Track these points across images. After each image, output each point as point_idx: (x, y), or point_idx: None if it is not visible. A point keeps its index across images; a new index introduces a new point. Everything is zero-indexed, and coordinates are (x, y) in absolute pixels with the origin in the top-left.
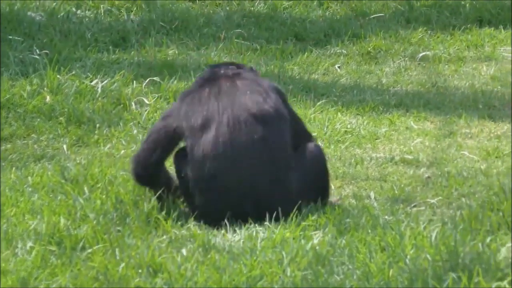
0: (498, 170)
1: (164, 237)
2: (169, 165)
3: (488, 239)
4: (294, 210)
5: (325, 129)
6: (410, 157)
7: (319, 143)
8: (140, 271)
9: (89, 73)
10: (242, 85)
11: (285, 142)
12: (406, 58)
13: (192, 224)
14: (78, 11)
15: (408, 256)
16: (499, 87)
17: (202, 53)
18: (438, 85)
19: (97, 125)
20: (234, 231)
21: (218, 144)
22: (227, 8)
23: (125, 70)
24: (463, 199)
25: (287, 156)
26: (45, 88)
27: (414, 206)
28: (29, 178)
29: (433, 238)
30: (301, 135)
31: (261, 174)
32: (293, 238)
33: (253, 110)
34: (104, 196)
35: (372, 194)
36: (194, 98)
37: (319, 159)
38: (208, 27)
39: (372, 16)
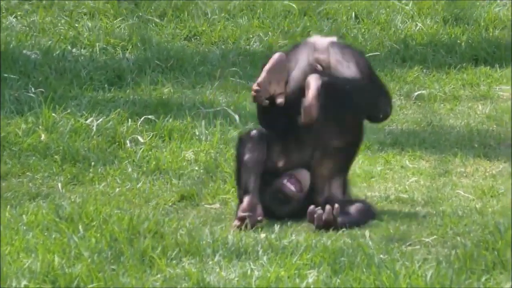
0: (493, 209)
1: (159, 275)
2: None
3: (483, 279)
4: None
5: None
6: (405, 196)
7: None
8: None
9: (84, 111)
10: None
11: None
12: (402, 97)
13: (187, 262)
14: (74, 50)
15: None
16: (494, 126)
17: (197, 92)
18: (434, 124)
19: (92, 163)
20: (229, 268)
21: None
22: (223, 47)
23: (120, 108)
24: (458, 238)
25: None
26: (40, 126)
27: (409, 245)
28: (24, 216)
29: (428, 277)
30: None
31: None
32: (288, 277)
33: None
34: (98, 235)
35: (367, 233)
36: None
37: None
38: (203, 66)
39: (368, 55)
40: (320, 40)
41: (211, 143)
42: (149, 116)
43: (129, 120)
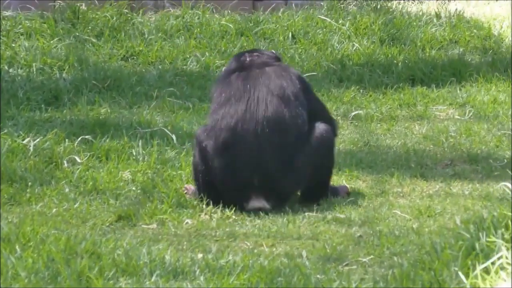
0: (430, 229)
1: None
2: None
3: None
4: None
5: None
6: (342, 216)
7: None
8: None
9: (21, 131)
10: (270, 71)
11: (298, 124)
12: (339, 117)
13: (124, 282)
14: (11, 70)
15: None
16: (431, 146)
17: (134, 112)
18: (371, 144)
19: (29, 184)
20: None
21: (234, 117)
22: (160, 67)
23: (57, 128)
24: (395, 258)
25: (298, 136)
26: None
27: (346, 264)
28: None
29: None
30: (320, 116)
31: (269, 152)
32: None
33: (274, 92)
34: (35, 255)
35: (304, 253)
36: (224, 82)
37: (326, 138)
38: (140, 86)
39: (305, 75)
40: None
41: (148, 163)
42: (86, 136)
43: (66, 140)
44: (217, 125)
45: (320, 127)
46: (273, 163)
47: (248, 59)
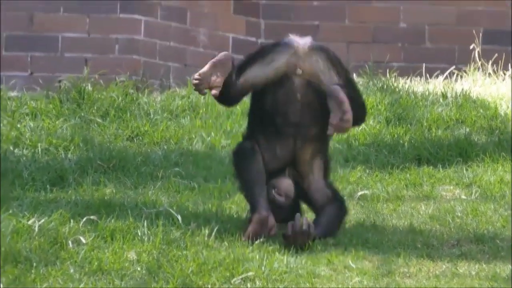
0: None
1: None
2: None
3: None
4: None
5: (263, 268)
6: None
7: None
8: None
9: (26, 212)
10: None
11: None
12: (345, 197)
13: None
14: (16, 150)
15: None
16: (437, 226)
17: (139, 192)
18: (377, 224)
19: (34, 264)
20: None
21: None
22: (165, 147)
23: (63, 209)
24: None
25: None
26: None
27: None
28: None
29: None
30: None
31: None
32: None
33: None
34: None
35: None
36: None
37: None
38: (145, 166)
39: None
40: (300, 44)
41: (154, 243)
42: (92, 217)
43: (71, 220)
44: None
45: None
46: None
47: None
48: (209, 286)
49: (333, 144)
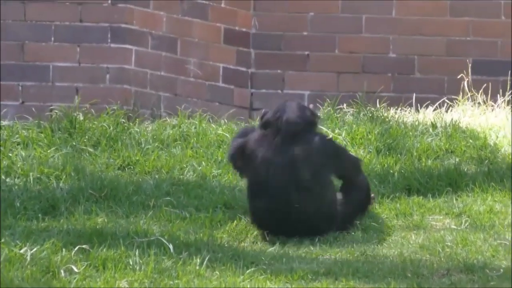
0: None
1: None
2: None
3: None
4: None
5: None
6: None
7: None
8: None
9: (18, 241)
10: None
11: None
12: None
13: None
14: (8, 179)
15: None
16: (427, 255)
17: (131, 221)
18: (367, 254)
19: None
20: None
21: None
22: (156, 176)
23: (55, 238)
24: None
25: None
26: None
27: None
28: None
29: None
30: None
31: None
32: None
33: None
34: None
35: None
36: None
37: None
38: (137, 195)
39: None
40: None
41: (145, 272)
42: (83, 246)
43: (63, 249)
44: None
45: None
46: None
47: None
48: None
49: None
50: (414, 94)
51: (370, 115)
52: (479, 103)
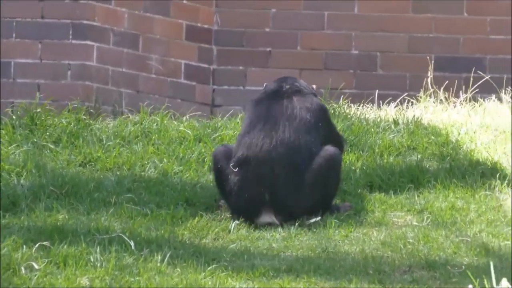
0: None
1: None
2: None
3: None
4: None
5: None
6: None
7: None
8: None
9: None
10: (296, 100)
11: (310, 149)
12: (297, 224)
13: None
14: None
15: None
16: (389, 252)
17: (92, 218)
18: (329, 250)
19: None
20: None
21: (252, 139)
22: (118, 173)
23: (15, 234)
24: None
25: (309, 159)
26: None
27: None
28: None
29: None
30: (333, 141)
31: (281, 172)
32: None
33: (295, 119)
34: None
35: None
36: (255, 109)
37: (334, 160)
38: (98, 192)
39: None
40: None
41: (106, 269)
42: (44, 243)
43: (24, 246)
44: (238, 147)
45: (330, 149)
46: (284, 182)
47: (284, 89)
48: None
49: None
50: (377, 91)
51: (332, 111)
52: (441, 100)
